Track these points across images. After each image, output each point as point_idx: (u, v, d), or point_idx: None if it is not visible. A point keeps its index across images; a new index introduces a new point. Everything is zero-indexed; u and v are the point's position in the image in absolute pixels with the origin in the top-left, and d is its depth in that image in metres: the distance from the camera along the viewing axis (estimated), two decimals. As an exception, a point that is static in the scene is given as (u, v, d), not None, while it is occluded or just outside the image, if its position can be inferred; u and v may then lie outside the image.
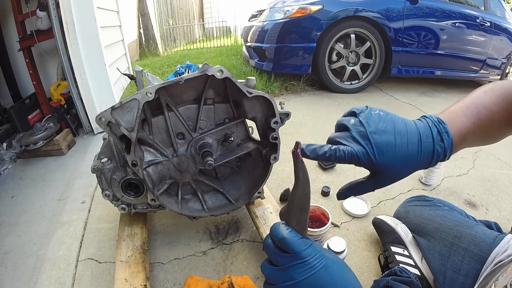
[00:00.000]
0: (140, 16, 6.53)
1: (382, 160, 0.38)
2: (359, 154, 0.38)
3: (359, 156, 0.38)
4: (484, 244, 0.68)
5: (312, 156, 0.40)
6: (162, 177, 0.86)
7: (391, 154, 0.38)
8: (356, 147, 0.38)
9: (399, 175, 0.40)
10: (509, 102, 0.43)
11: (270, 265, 0.37)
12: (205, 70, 0.73)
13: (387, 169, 0.39)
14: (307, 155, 0.40)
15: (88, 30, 1.81)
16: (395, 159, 0.38)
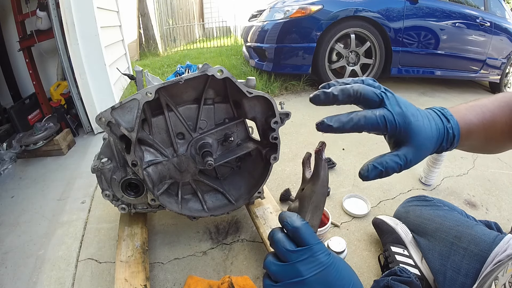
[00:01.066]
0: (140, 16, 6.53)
1: (416, 123, 0.34)
2: (394, 115, 0.33)
3: (394, 116, 0.33)
4: (484, 244, 0.68)
5: (337, 126, 0.33)
6: (162, 177, 0.86)
7: (420, 121, 0.35)
8: (390, 108, 0.34)
9: (426, 147, 0.36)
10: (510, 108, 0.42)
11: (276, 261, 0.35)
12: (205, 70, 0.73)
13: (418, 135, 0.34)
14: (331, 127, 0.33)
15: (88, 30, 1.81)
16: (423, 127, 0.35)
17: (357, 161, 1.50)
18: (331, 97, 0.33)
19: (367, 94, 0.34)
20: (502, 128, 0.42)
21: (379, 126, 0.33)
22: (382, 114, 0.33)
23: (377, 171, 0.34)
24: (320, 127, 0.33)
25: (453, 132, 0.38)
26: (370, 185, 1.31)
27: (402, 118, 0.34)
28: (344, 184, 1.33)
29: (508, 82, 3.43)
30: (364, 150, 1.61)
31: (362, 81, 0.36)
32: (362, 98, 0.34)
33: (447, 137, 0.37)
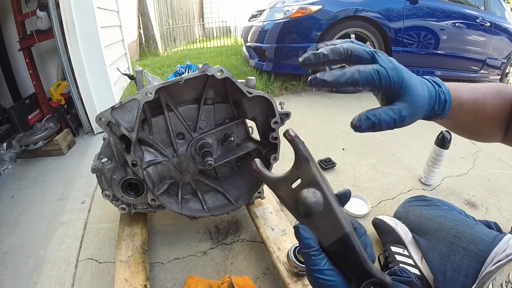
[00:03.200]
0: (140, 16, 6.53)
1: (409, 79, 0.34)
2: (388, 70, 0.33)
3: (388, 71, 0.33)
4: (484, 244, 0.68)
5: (330, 80, 0.32)
6: (162, 177, 0.86)
7: (413, 78, 0.35)
8: (383, 63, 0.33)
9: (420, 104, 0.35)
10: (501, 97, 0.43)
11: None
12: (205, 70, 0.73)
13: (412, 91, 0.34)
14: (324, 81, 0.32)
15: (88, 30, 1.81)
16: (417, 83, 0.35)
17: (357, 161, 1.50)
18: (321, 56, 0.32)
19: (358, 52, 0.33)
20: (492, 113, 0.42)
21: (373, 80, 0.32)
22: (376, 69, 0.32)
23: (370, 122, 0.33)
24: (313, 82, 0.32)
25: (444, 97, 0.38)
26: (370, 185, 1.31)
27: (395, 73, 0.33)
28: (344, 184, 1.33)
29: (508, 82, 3.43)
30: (364, 150, 1.61)
31: (352, 41, 0.35)
32: (353, 56, 0.33)
33: (439, 101, 0.37)
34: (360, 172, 1.42)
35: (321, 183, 0.35)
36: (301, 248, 0.34)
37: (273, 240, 0.88)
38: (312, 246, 0.33)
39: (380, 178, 1.37)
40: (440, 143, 1.19)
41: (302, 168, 0.36)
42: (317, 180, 0.35)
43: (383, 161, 1.50)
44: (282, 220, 0.96)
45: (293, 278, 0.76)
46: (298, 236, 0.34)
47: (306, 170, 0.35)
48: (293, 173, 0.36)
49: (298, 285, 0.75)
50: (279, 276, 0.84)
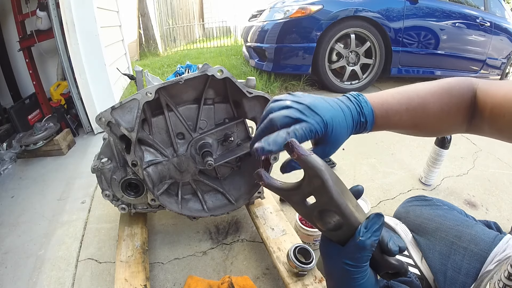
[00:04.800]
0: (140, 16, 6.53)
1: (332, 125, 0.39)
2: (317, 128, 0.37)
3: (316, 128, 0.37)
4: (484, 244, 0.68)
5: (275, 149, 0.36)
6: (162, 177, 0.86)
7: (335, 120, 0.39)
8: (312, 121, 0.37)
9: (340, 140, 0.40)
10: (451, 94, 0.43)
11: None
12: (205, 70, 0.73)
13: (333, 136, 0.39)
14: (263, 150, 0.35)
15: (88, 30, 1.81)
16: (339, 126, 0.39)
17: (357, 161, 1.50)
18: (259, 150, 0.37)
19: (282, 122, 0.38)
20: (435, 114, 0.43)
21: (307, 137, 0.37)
22: (308, 128, 0.37)
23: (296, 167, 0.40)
24: (261, 153, 0.36)
25: (365, 119, 0.42)
26: (370, 185, 1.31)
27: (322, 125, 0.38)
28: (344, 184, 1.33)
29: (508, 82, 3.43)
30: (364, 150, 1.61)
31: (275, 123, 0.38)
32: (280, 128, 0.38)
33: (360, 124, 0.42)
34: (360, 172, 1.42)
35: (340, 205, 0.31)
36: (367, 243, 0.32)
37: (273, 240, 0.88)
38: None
39: (380, 178, 1.37)
40: (440, 143, 1.19)
41: (315, 188, 0.32)
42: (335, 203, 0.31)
43: (383, 161, 1.50)
44: (282, 220, 0.96)
45: (293, 278, 0.76)
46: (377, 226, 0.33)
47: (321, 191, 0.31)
48: (305, 188, 0.33)
49: (298, 285, 0.75)
50: (279, 276, 0.84)
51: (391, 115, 0.43)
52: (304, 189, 0.33)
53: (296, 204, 0.35)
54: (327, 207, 0.32)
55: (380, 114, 0.43)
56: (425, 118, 0.44)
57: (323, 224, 0.34)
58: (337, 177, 0.35)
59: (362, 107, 0.42)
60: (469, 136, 1.75)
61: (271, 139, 0.36)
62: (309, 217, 0.35)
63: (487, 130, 0.43)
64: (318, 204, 0.33)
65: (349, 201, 0.33)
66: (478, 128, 0.45)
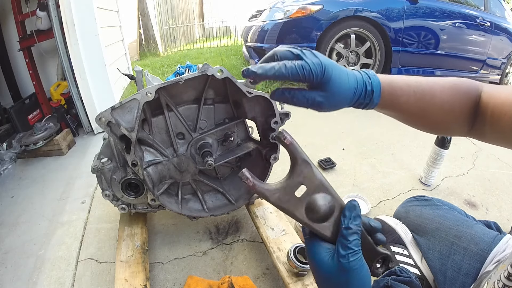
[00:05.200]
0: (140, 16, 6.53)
1: (333, 72, 0.37)
2: (311, 65, 0.36)
3: (310, 66, 0.36)
4: (484, 244, 0.68)
5: (260, 72, 0.35)
6: (162, 177, 0.86)
7: (337, 71, 0.38)
8: (309, 61, 0.36)
9: (341, 95, 0.39)
10: (458, 91, 0.43)
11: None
12: (205, 70, 0.73)
13: (333, 83, 0.37)
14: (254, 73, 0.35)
15: (88, 30, 1.81)
16: (340, 76, 0.38)
17: (357, 161, 1.50)
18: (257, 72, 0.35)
19: (284, 54, 0.37)
20: (442, 104, 0.43)
21: (297, 73, 0.35)
22: (300, 64, 0.35)
23: (284, 97, 0.40)
24: (245, 73, 0.35)
25: (372, 88, 0.40)
26: (370, 185, 1.31)
27: (318, 67, 0.36)
28: (344, 184, 1.33)
29: (508, 82, 3.43)
30: (364, 150, 1.61)
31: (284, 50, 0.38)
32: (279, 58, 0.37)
33: (365, 91, 0.40)
34: (360, 172, 1.42)
35: (328, 185, 0.36)
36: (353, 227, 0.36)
37: (273, 240, 0.88)
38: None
39: (380, 178, 1.37)
40: (440, 143, 1.19)
41: (304, 174, 0.35)
42: (324, 184, 0.36)
43: (383, 161, 1.50)
44: (282, 220, 0.96)
45: (293, 278, 0.76)
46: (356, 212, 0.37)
47: (310, 175, 0.35)
48: (294, 179, 0.36)
49: (298, 285, 0.75)
50: (279, 276, 0.84)
51: (398, 94, 0.42)
52: (294, 179, 0.36)
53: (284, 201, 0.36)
54: (318, 190, 0.36)
55: (387, 90, 0.41)
56: (431, 106, 0.43)
57: (312, 215, 0.36)
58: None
59: (369, 76, 0.41)
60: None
61: (262, 65, 0.35)
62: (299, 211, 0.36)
63: (488, 133, 0.43)
64: (310, 191, 0.36)
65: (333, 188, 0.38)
66: (480, 132, 0.44)
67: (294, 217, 0.36)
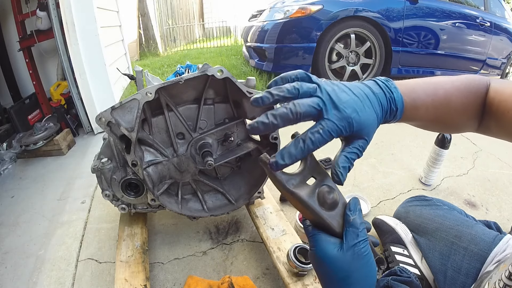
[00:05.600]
0: (140, 16, 6.53)
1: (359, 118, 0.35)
2: (337, 123, 0.34)
3: (337, 124, 0.34)
4: (484, 244, 0.68)
5: (291, 161, 0.33)
6: (162, 177, 0.86)
7: (362, 112, 0.36)
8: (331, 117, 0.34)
9: (372, 131, 0.37)
10: (469, 91, 0.43)
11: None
12: (205, 70, 0.73)
13: (364, 129, 0.36)
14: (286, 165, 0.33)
15: (88, 30, 1.82)
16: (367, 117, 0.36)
17: (357, 161, 1.49)
18: (271, 127, 0.32)
19: (306, 112, 0.33)
20: (457, 107, 0.43)
21: (326, 139, 0.34)
22: (326, 130, 0.33)
23: (347, 170, 0.37)
24: (275, 168, 0.33)
25: (396, 106, 0.39)
26: (370, 185, 1.31)
27: (345, 122, 0.34)
28: (344, 184, 1.33)
29: (508, 82, 3.43)
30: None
31: (298, 89, 0.34)
32: (302, 118, 0.33)
33: (390, 111, 0.39)
34: (360, 172, 1.42)
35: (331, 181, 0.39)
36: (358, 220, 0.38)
37: (273, 240, 0.88)
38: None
39: (380, 178, 1.37)
40: (440, 143, 1.19)
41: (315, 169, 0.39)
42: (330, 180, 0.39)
43: (383, 161, 1.50)
44: (282, 220, 0.96)
45: (293, 278, 0.76)
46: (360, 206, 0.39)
47: (319, 170, 0.39)
48: (306, 172, 0.39)
49: (298, 285, 0.75)
50: (279, 276, 0.84)
51: (418, 106, 0.41)
52: (305, 172, 0.39)
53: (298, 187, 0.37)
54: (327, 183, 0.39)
55: (409, 104, 0.40)
56: (447, 111, 0.43)
57: (324, 202, 0.38)
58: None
59: (392, 92, 0.39)
60: (469, 136, 1.75)
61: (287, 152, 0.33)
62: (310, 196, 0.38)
63: (494, 127, 0.43)
64: (319, 182, 0.39)
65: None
66: (487, 127, 0.45)
67: (306, 204, 0.37)
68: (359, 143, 0.37)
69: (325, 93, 0.34)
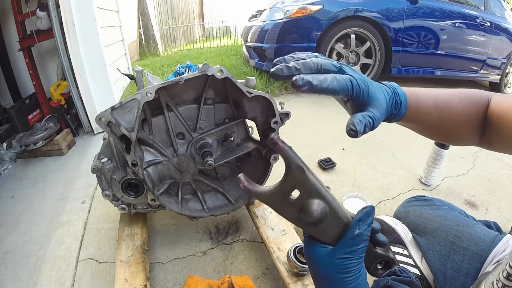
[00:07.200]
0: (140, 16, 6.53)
1: (373, 88, 0.37)
2: (357, 80, 0.35)
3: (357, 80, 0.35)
4: (484, 244, 0.68)
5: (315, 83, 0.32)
6: (162, 177, 0.86)
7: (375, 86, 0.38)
8: (352, 74, 0.36)
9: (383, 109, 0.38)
10: (471, 101, 0.44)
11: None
12: (205, 70, 0.73)
13: (377, 99, 0.37)
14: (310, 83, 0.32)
15: (88, 30, 1.81)
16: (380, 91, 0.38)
17: (357, 161, 1.50)
18: (294, 70, 0.33)
19: (327, 66, 0.35)
20: (459, 115, 0.43)
21: (347, 88, 0.34)
22: (349, 78, 0.35)
23: (363, 125, 0.35)
24: (299, 82, 0.32)
25: (400, 99, 0.40)
26: (370, 185, 1.31)
27: (363, 82, 0.36)
28: (344, 184, 1.33)
29: (508, 82, 3.43)
30: (364, 150, 1.61)
31: (316, 56, 0.36)
32: (323, 70, 0.35)
33: (395, 103, 0.40)
34: (360, 172, 1.42)
35: (322, 191, 0.35)
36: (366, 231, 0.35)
37: (273, 240, 0.88)
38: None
39: (380, 178, 1.37)
40: (440, 143, 1.19)
41: (298, 178, 0.34)
42: (317, 190, 0.35)
43: (383, 161, 1.50)
44: (282, 220, 0.96)
45: (293, 278, 0.76)
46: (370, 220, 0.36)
47: (303, 180, 0.34)
48: (287, 183, 0.35)
49: (298, 285, 0.75)
50: (279, 276, 0.84)
51: (421, 106, 0.42)
52: (287, 183, 0.35)
53: (279, 205, 0.36)
54: (311, 195, 0.34)
55: (412, 101, 0.41)
56: (449, 117, 0.43)
57: (307, 218, 0.35)
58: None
59: (395, 88, 0.41)
60: (469, 136, 1.75)
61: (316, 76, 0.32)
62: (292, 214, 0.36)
63: (495, 140, 0.43)
64: (303, 195, 0.35)
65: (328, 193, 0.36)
66: (488, 140, 0.45)
67: (289, 220, 0.36)
68: (373, 111, 0.36)
69: (344, 64, 0.37)
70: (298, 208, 0.35)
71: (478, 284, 0.58)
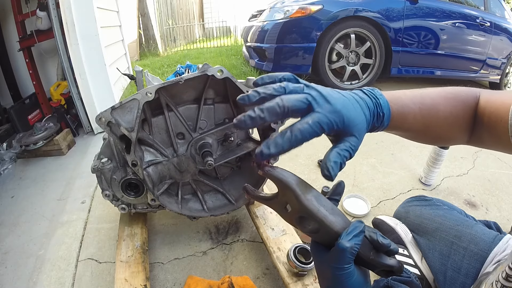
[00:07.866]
0: (140, 16, 6.53)
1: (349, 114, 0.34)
2: (327, 115, 0.32)
3: (328, 116, 0.32)
4: (484, 244, 0.68)
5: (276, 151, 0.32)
6: (162, 177, 0.86)
7: (351, 110, 0.35)
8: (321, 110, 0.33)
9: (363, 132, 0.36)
10: (459, 100, 0.43)
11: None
12: (205, 70, 0.74)
13: (355, 126, 0.35)
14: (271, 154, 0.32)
15: (88, 30, 1.81)
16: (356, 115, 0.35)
17: (357, 161, 1.50)
18: (258, 120, 0.31)
19: (294, 106, 0.32)
20: (446, 117, 0.42)
21: (317, 133, 0.33)
22: (315, 121, 0.32)
23: (339, 166, 0.34)
24: (260, 158, 0.32)
25: (382, 111, 0.38)
26: (370, 185, 1.31)
27: (335, 115, 0.33)
28: (345, 184, 1.33)
29: (508, 82, 3.43)
30: (364, 150, 1.61)
31: (284, 88, 0.33)
32: (290, 112, 0.32)
33: (377, 116, 0.38)
34: (360, 172, 1.42)
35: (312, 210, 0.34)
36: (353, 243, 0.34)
37: (273, 240, 0.88)
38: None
39: (380, 178, 1.37)
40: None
41: (288, 197, 0.35)
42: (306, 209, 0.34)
43: (383, 161, 1.50)
44: (282, 220, 0.95)
45: (293, 278, 0.76)
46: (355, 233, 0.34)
47: (292, 199, 0.34)
48: (281, 199, 0.36)
49: (298, 285, 0.75)
50: (279, 276, 0.84)
51: (406, 113, 0.41)
52: (280, 199, 0.36)
53: (279, 211, 0.38)
54: (302, 214, 0.35)
55: (396, 110, 0.40)
56: (436, 120, 0.42)
57: (303, 228, 0.36)
58: (306, 184, 0.36)
59: (378, 98, 0.39)
60: (469, 136, 1.75)
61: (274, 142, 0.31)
62: (292, 222, 0.37)
63: (486, 138, 0.43)
64: (294, 212, 0.36)
65: (322, 206, 0.35)
66: (479, 139, 0.44)
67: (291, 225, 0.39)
68: (351, 141, 0.35)
69: (314, 90, 0.34)
70: (294, 219, 0.36)
71: (479, 284, 0.58)
